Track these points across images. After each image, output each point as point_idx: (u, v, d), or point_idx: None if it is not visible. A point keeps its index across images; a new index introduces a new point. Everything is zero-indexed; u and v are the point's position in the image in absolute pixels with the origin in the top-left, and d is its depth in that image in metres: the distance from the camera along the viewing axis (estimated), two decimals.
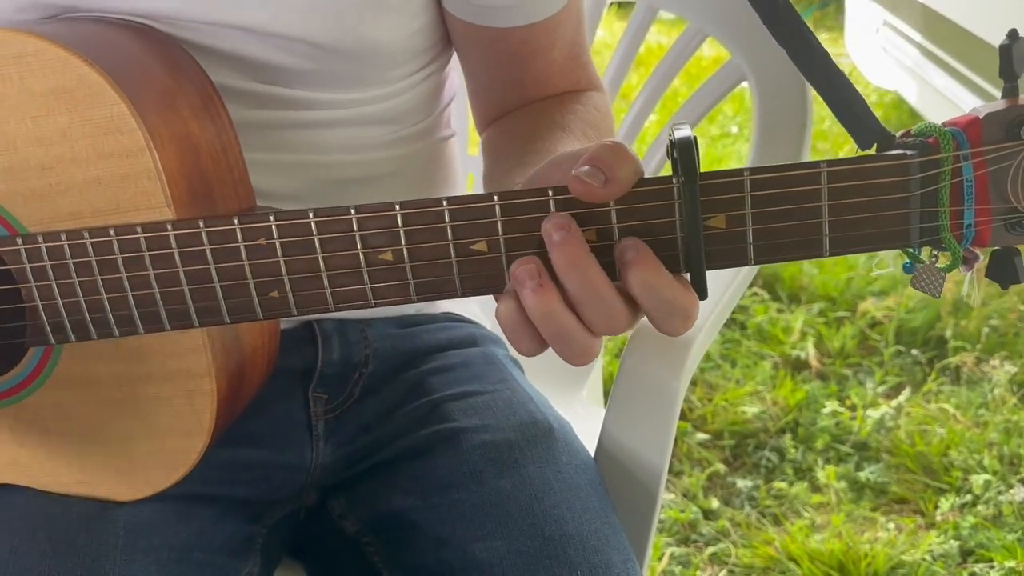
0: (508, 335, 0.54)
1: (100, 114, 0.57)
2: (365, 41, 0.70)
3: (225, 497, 0.73)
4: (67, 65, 0.57)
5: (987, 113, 0.50)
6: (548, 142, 0.70)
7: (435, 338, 0.83)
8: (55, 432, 0.65)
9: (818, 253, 0.53)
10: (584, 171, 0.51)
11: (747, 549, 1.57)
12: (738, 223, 0.52)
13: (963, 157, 0.51)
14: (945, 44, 2.40)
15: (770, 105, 0.90)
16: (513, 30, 0.75)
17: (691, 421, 1.87)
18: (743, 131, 3.23)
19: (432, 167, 0.82)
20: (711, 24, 0.97)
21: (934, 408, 1.88)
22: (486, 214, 0.53)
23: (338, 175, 0.75)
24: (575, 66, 0.80)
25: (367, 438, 0.78)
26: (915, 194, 0.51)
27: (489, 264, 0.54)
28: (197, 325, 0.58)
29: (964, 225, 0.52)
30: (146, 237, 0.56)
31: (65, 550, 0.64)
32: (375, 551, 0.74)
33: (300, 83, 0.71)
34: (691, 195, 0.51)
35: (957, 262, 0.53)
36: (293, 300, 0.56)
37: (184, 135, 0.60)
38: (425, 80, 0.78)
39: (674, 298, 0.52)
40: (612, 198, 0.52)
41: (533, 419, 0.78)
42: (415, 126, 0.79)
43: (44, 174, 0.59)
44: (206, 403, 0.63)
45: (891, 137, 0.52)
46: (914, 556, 1.53)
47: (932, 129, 0.51)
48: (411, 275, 0.55)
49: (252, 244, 0.55)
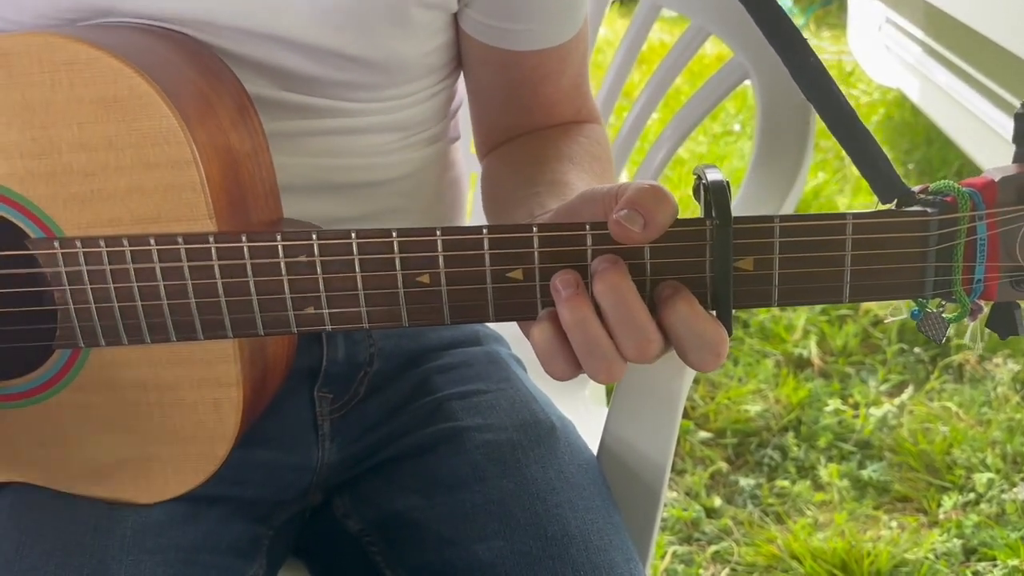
0: (542, 357, 0.55)
1: (149, 125, 0.58)
2: (390, 54, 0.71)
3: (232, 498, 0.73)
4: (119, 75, 0.57)
5: (1002, 177, 0.54)
6: (558, 173, 0.71)
7: (439, 336, 0.83)
8: (76, 434, 0.65)
9: (838, 299, 0.56)
10: (623, 215, 0.53)
11: (750, 547, 1.57)
12: (765, 267, 0.55)
13: (978, 217, 0.54)
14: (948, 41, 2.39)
15: (773, 103, 0.90)
16: (528, 54, 0.76)
17: (693, 419, 1.87)
18: (745, 129, 3.23)
19: (439, 169, 0.83)
20: (714, 22, 0.97)
21: (937, 406, 1.88)
22: (524, 244, 0.55)
23: (350, 178, 0.75)
24: (578, 95, 0.82)
25: (372, 437, 0.78)
26: (932, 249, 0.55)
27: (523, 292, 0.56)
28: (231, 336, 0.58)
29: (974, 280, 0.55)
30: (187, 248, 0.57)
31: (72, 550, 0.64)
32: (378, 550, 0.74)
33: (323, 92, 0.71)
34: (724, 238, 0.53)
35: (965, 313, 0.56)
36: (328, 317, 0.57)
37: (225, 148, 0.61)
38: (437, 94, 0.79)
39: (705, 330, 0.54)
40: (648, 241, 0.54)
41: (536, 418, 0.78)
42: (425, 132, 0.80)
43: (86, 180, 0.59)
44: (232, 411, 0.63)
45: (911, 193, 0.55)
46: (917, 555, 1.53)
47: (951, 188, 0.54)
48: (446, 299, 0.56)
49: (293, 260, 0.56)
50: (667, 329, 0.54)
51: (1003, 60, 1.95)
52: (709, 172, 0.54)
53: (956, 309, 0.56)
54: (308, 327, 0.57)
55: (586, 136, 0.79)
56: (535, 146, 0.78)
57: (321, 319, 0.57)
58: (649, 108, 1.09)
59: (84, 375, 0.63)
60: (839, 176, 2.84)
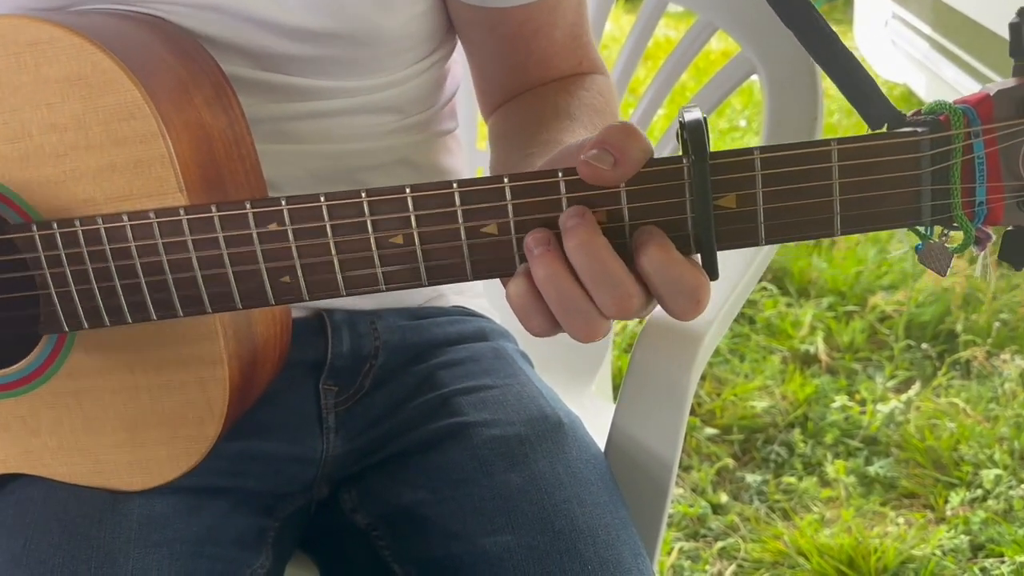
0: (519, 314, 0.54)
1: (114, 100, 0.58)
2: (367, 26, 0.70)
3: (237, 489, 0.73)
4: (82, 52, 0.57)
5: (998, 90, 0.51)
6: (554, 132, 0.70)
7: (445, 332, 0.83)
8: (68, 421, 0.65)
9: (829, 232, 0.53)
10: (592, 154, 0.51)
11: (756, 544, 1.57)
12: (749, 202, 0.52)
13: (974, 134, 0.50)
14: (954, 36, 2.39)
15: (780, 98, 0.90)
16: (513, 10, 0.75)
17: (700, 416, 1.87)
18: (752, 124, 3.22)
19: (435, 158, 0.83)
20: (720, 17, 0.97)
21: (944, 403, 1.87)
22: (496, 197, 0.53)
23: (341, 164, 0.75)
24: (576, 46, 0.80)
25: (377, 431, 0.78)
26: (926, 171, 0.51)
27: (500, 247, 0.54)
28: (210, 311, 0.58)
29: (976, 203, 0.51)
30: (159, 222, 0.56)
31: (79, 543, 0.64)
32: (385, 544, 0.75)
33: (303, 71, 0.71)
34: (701, 174, 0.51)
35: (969, 241, 0.52)
36: (304, 285, 0.56)
37: (197, 123, 0.61)
38: (427, 70, 0.78)
39: (682, 275, 0.52)
40: (621, 181, 0.52)
41: (543, 413, 0.78)
42: (417, 116, 0.79)
43: (59, 161, 0.59)
44: (218, 390, 0.63)
45: (901, 116, 0.52)
46: (924, 551, 1.53)
47: (943, 107, 0.51)
48: (422, 258, 0.55)
49: (264, 230, 0.56)
50: (644, 278, 0.52)
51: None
52: (687, 112, 0.52)
53: (959, 238, 0.52)
54: (286, 297, 0.57)
55: (587, 88, 0.77)
56: (533, 104, 0.76)
57: (298, 288, 0.56)
58: (656, 104, 1.09)
59: (72, 362, 0.63)
60: None
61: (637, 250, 0.52)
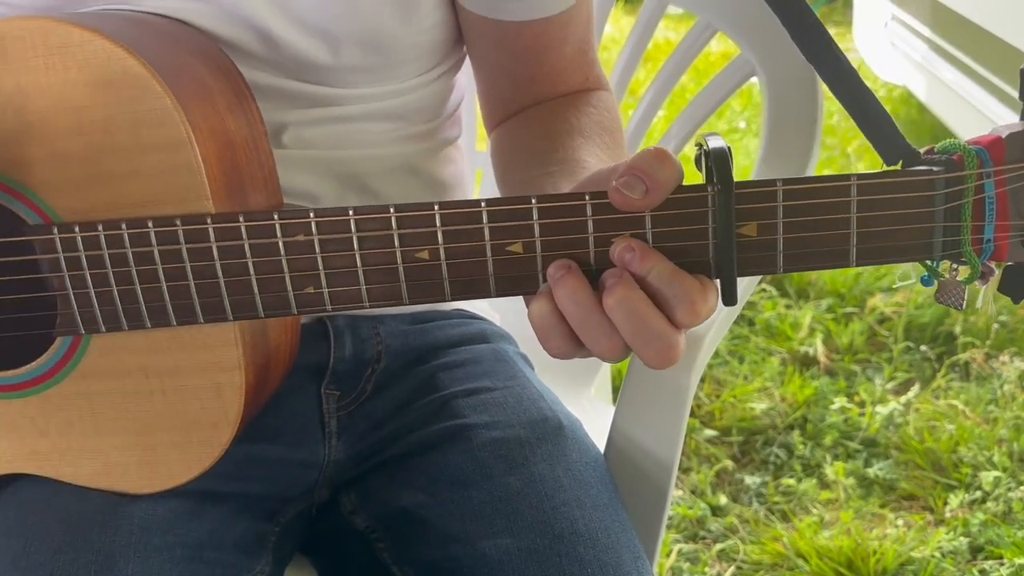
0: (539, 333, 0.55)
1: (144, 107, 0.57)
2: (385, 35, 0.70)
3: (239, 494, 0.73)
4: (112, 57, 0.57)
5: (1009, 133, 0.53)
6: (570, 150, 0.71)
7: (446, 334, 0.83)
8: (78, 423, 0.65)
9: (845, 263, 0.55)
10: (623, 181, 0.52)
11: (755, 545, 1.57)
12: (769, 232, 0.54)
13: (986, 175, 0.53)
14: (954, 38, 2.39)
15: (780, 100, 0.90)
16: (528, 24, 0.75)
17: (699, 417, 1.86)
18: (751, 126, 3.22)
19: (439, 166, 0.83)
20: (720, 19, 0.97)
21: (943, 404, 1.87)
22: (523, 216, 0.54)
23: (348, 169, 0.75)
24: (584, 62, 0.80)
25: (379, 434, 0.78)
26: (939, 209, 0.53)
27: (524, 265, 0.55)
28: (231, 319, 0.58)
29: (984, 240, 0.54)
30: (185, 230, 0.56)
31: (79, 546, 0.64)
32: (385, 547, 0.74)
33: (317, 78, 0.71)
34: (726, 204, 0.53)
35: (976, 275, 0.55)
36: (328, 296, 0.57)
37: (221, 130, 0.60)
38: (435, 80, 0.79)
39: (684, 283, 0.53)
40: (650, 208, 0.53)
41: (543, 416, 0.78)
42: (423, 125, 0.79)
43: (83, 164, 0.59)
44: (234, 396, 0.63)
45: (917, 154, 0.54)
46: (923, 553, 1.53)
47: (957, 147, 0.53)
48: (446, 274, 0.56)
49: (291, 240, 0.56)
50: (648, 290, 0.53)
51: (1010, 57, 1.94)
52: (711, 139, 0.53)
53: (966, 272, 0.55)
54: (308, 307, 0.57)
55: (594, 106, 0.78)
56: (544, 120, 0.77)
57: (321, 299, 0.57)
58: (655, 106, 1.09)
59: (86, 363, 0.63)
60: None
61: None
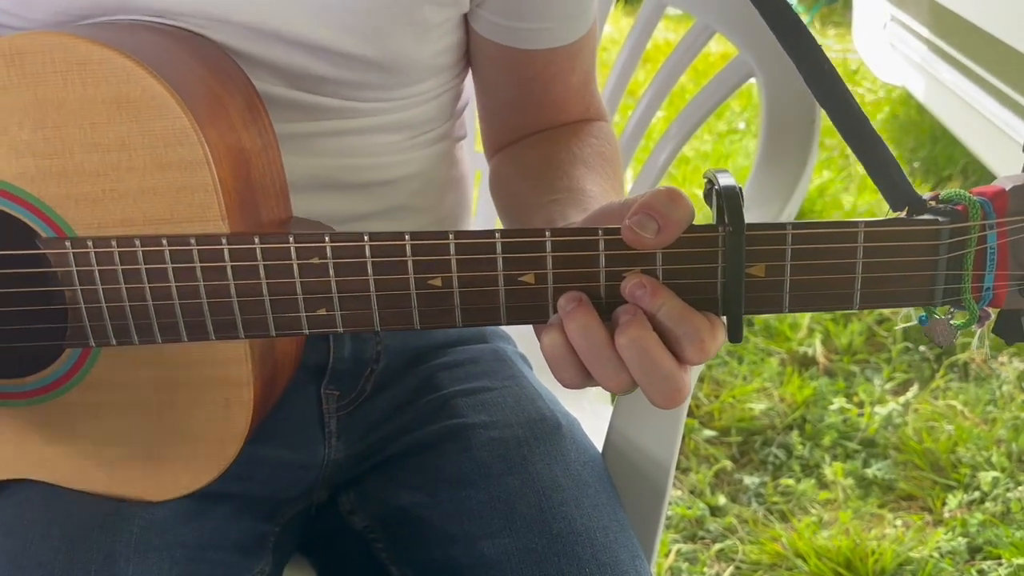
0: (551, 364, 0.56)
1: (162, 126, 0.58)
2: (401, 55, 0.71)
3: (238, 495, 0.73)
4: (132, 75, 0.57)
5: (1013, 186, 0.54)
6: (575, 179, 0.72)
7: (445, 334, 0.83)
8: (85, 432, 0.65)
9: (848, 306, 0.56)
10: (636, 220, 0.53)
11: (754, 546, 1.57)
12: (777, 273, 0.55)
13: (988, 226, 0.54)
14: (953, 39, 2.39)
15: (778, 101, 0.90)
16: (539, 53, 0.76)
17: (698, 418, 1.87)
18: (750, 127, 3.22)
19: (445, 167, 0.83)
20: (718, 20, 0.97)
21: (942, 405, 1.87)
22: (537, 248, 0.55)
23: (358, 178, 0.76)
24: (586, 93, 0.82)
25: (378, 434, 0.79)
26: (943, 257, 0.55)
27: (535, 295, 0.56)
28: (243, 336, 0.58)
29: (984, 288, 0.55)
30: (199, 250, 0.57)
31: (79, 546, 0.64)
32: (383, 547, 0.75)
33: (333, 92, 0.71)
34: (736, 245, 0.54)
35: (973, 320, 0.56)
36: (340, 318, 0.57)
37: (237, 148, 0.61)
38: (445, 92, 0.79)
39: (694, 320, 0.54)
40: (662, 247, 0.54)
41: (541, 415, 0.78)
42: (432, 131, 0.80)
43: (98, 180, 0.59)
44: (242, 411, 0.63)
45: (922, 201, 0.55)
46: (922, 553, 1.53)
47: (961, 197, 0.54)
48: (458, 302, 0.56)
49: (305, 263, 0.56)
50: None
51: (1009, 58, 1.95)
52: (721, 177, 0.54)
53: (964, 316, 0.57)
54: (320, 328, 0.58)
55: (595, 136, 0.79)
56: (547, 148, 0.77)
57: (333, 321, 0.57)
58: (654, 106, 1.09)
59: (94, 374, 0.63)
60: (844, 174, 2.84)
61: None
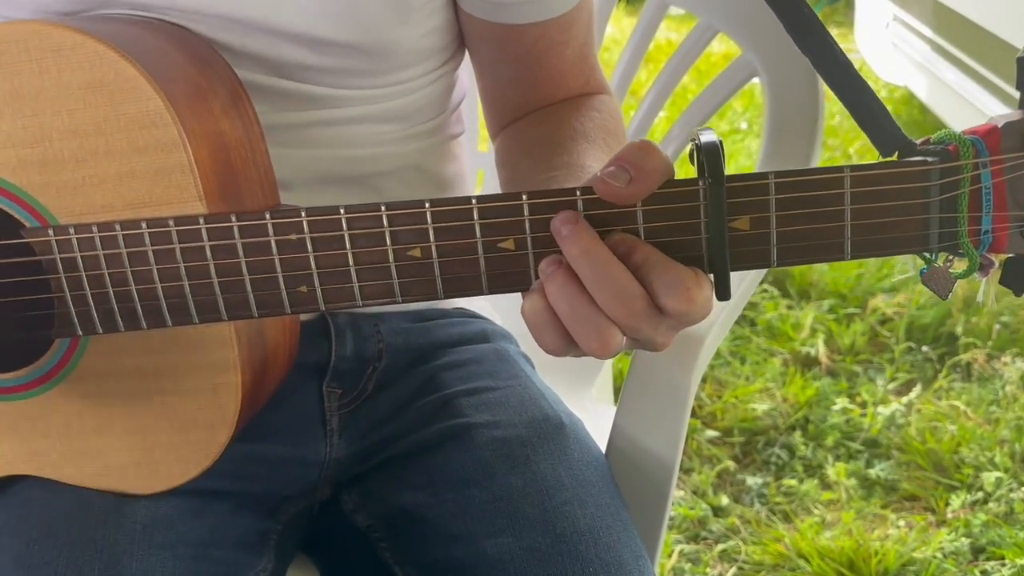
0: (533, 331, 0.55)
1: (136, 109, 0.58)
2: (386, 39, 0.71)
3: (240, 492, 0.73)
4: (104, 60, 0.58)
5: (1005, 122, 0.52)
6: (574, 155, 0.71)
7: (447, 333, 0.83)
8: (77, 424, 0.65)
9: (839, 256, 0.54)
10: (609, 171, 0.52)
11: (757, 546, 1.57)
12: (762, 225, 0.53)
13: (982, 165, 0.52)
14: (955, 39, 2.39)
15: (781, 101, 0.90)
16: (529, 26, 0.75)
17: (701, 418, 1.87)
18: (753, 127, 3.22)
19: (442, 163, 0.83)
20: (721, 20, 0.97)
21: (945, 405, 1.87)
22: (514, 213, 0.54)
23: (352, 169, 0.76)
24: (585, 66, 0.81)
25: (380, 433, 0.79)
26: (935, 200, 0.53)
27: (516, 262, 0.55)
28: (226, 319, 0.59)
29: (982, 231, 0.53)
30: (178, 230, 0.57)
31: (83, 545, 0.65)
32: (386, 546, 0.75)
33: (317, 80, 0.71)
34: (717, 197, 0.52)
35: (974, 268, 0.54)
36: (321, 295, 0.57)
37: (216, 132, 0.61)
38: (436, 80, 0.79)
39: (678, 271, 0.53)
40: (637, 198, 0.53)
41: (544, 415, 0.78)
42: (426, 123, 0.80)
43: (78, 166, 0.59)
44: (231, 397, 0.63)
45: (912, 144, 0.53)
46: (925, 554, 1.53)
47: (952, 137, 0.52)
48: (439, 272, 0.56)
49: (283, 239, 0.56)
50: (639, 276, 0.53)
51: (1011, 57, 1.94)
52: (703, 133, 0.53)
53: (964, 264, 0.54)
54: (302, 306, 0.57)
55: (598, 110, 0.78)
56: (548, 124, 0.77)
57: (314, 298, 0.57)
58: (656, 107, 1.09)
59: (83, 365, 0.64)
60: None
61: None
